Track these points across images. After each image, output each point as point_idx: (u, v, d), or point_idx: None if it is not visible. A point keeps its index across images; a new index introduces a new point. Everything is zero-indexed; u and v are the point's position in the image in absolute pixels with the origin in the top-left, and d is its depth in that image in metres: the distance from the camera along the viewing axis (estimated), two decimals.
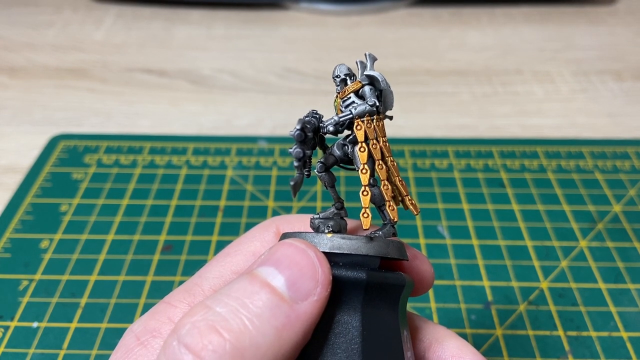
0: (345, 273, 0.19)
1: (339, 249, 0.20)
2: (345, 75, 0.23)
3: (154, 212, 0.46)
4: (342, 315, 0.20)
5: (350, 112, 0.22)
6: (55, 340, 0.36)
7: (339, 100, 0.23)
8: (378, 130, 0.22)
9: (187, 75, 0.65)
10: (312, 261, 0.19)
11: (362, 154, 0.22)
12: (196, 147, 0.53)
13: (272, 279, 0.18)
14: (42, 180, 0.49)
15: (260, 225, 0.25)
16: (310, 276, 0.18)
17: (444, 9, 0.78)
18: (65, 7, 0.78)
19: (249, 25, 0.75)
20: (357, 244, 0.20)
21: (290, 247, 0.19)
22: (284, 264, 0.19)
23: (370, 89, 0.22)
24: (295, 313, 0.18)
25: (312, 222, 0.22)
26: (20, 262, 0.42)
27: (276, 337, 0.17)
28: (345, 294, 0.20)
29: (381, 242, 0.21)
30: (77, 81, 0.63)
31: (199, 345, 0.17)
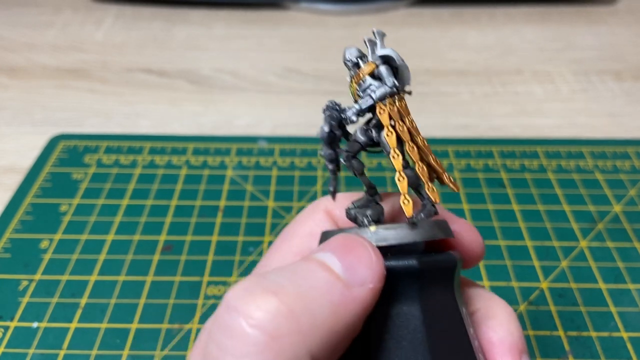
0: (397, 264, 0.19)
1: (385, 240, 0.19)
2: (357, 58, 0.22)
3: (154, 212, 0.46)
4: (400, 306, 0.19)
5: (371, 97, 0.21)
6: (55, 340, 0.36)
7: (354, 85, 0.22)
8: (402, 110, 0.21)
9: (187, 75, 0.65)
10: (367, 250, 0.19)
11: (390, 138, 0.20)
12: (196, 147, 0.53)
13: (328, 261, 0.18)
14: (42, 180, 0.49)
15: (309, 207, 0.24)
16: (366, 264, 0.18)
17: (444, 9, 0.78)
18: (65, 8, 0.78)
19: (249, 25, 0.75)
20: (403, 233, 0.20)
21: (347, 238, 0.19)
22: (341, 251, 0.19)
23: (386, 68, 0.21)
24: (351, 294, 0.18)
25: (349, 213, 0.22)
26: (20, 262, 0.42)
27: (331, 312, 0.17)
28: (400, 285, 0.19)
29: (426, 225, 0.20)
30: (77, 81, 0.63)
31: (251, 307, 0.16)
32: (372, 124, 0.22)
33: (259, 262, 0.24)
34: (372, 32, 0.22)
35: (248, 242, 0.43)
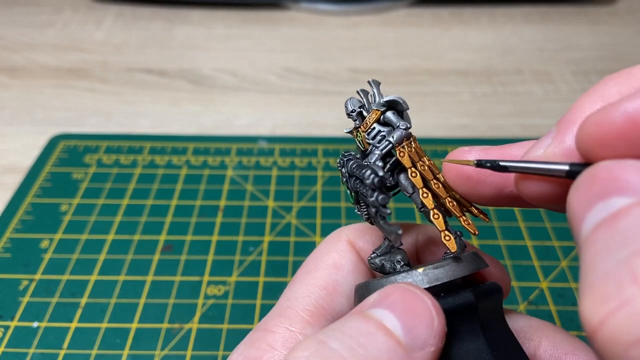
0: (454, 302, 0.19)
1: (437, 280, 0.19)
2: (360, 107, 0.22)
3: (154, 212, 0.46)
4: (465, 345, 0.19)
5: (389, 142, 0.21)
6: (56, 340, 0.36)
7: (362, 134, 0.22)
8: (418, 150, 0.22)
9: (187, 75, 0.65)
10: (427, 307, 0.17)
11: (415, 179, 0.21)
12: (196, 147, 0.53)
13: (387, 321, 0.17)
14: (42, 180, 0.49)
15: (330, 236, 0.24)
16: (427, 324, 0.17)
17: (444, 9, 0.78)
18: (65, 7, 0.78)
19: (249, 25, 0.75)
20: (452, 269, 0.19)
21: (404, 291, 0.18)
22: (399, 308, 0.17)
23: (394, 113, 0.22)
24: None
25: (373, 263, 0.22)
26: (20, 262, 0.42)
27: None
28: (461, 322, 0.19)
29: (471, 255, 0.20)
30: (77, 81, 0.63)
31: None
32: (388, 168, 0.22)
33: (282, 294, 0.23)
34: (368, 82, 0.23)
35: (248, 242, 0.43)
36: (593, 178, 0.14)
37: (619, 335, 0.12)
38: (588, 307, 0.12)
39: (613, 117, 0.14)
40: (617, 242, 0.12)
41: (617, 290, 0.12)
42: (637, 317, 0.11)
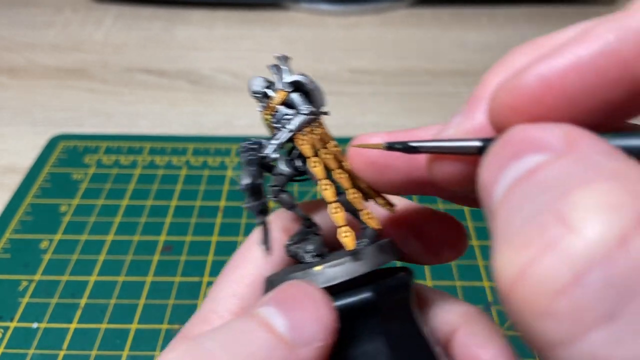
0: (353, 300, 0.18)
1: (334, 279, 0.18)
2: (265, 88, 0.20)
3: (154, 212, 0.46)
4: (364, 345, 0.18)
5: (289, 130, 0.20)
6: (55, 340, 0.36)
7: (268, 117, 0.20)
8: (323, 136, 0.20)
9: (187, 76, 0.65)
10: (317, 303, 0.17)
11: (316, 169, 0.19)
12: (196, 148, 0.53)
13: (272, 318, 0.16)
14: (42, 180, 0.49)
15: None
16: (315, 320, 0.16)
17: (444, 9, 0.78)
18: (65, 8, 0.78)
19: (249, 26, 0.75)
20: (350, 267, 0.18)
21: (295, 288, 0.17)
22: (287, 305, 0.17)
23: (298, 94, 0.20)
24: (296, 356, 0.16)
25: (288, 250, 0.21)
26: (20, 262, 0.42)
27: None
28: (360, 322, 0.18)
29: (372, 250, 0.19)
30: (77, 81, 0.63)
31: None
32: (296, 154, 0.20)
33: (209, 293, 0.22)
34: (274, 57, 0.20)
35: None
36: (505, 142, 0.13)
37: (543, 284, 0.10)
38: (503, 260, 0.11)
39: (526, 81, 0.13)
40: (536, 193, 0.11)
41: (540, 233, 0.11)
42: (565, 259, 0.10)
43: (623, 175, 0.11)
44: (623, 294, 0.10)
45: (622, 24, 0.13)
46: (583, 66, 0.13)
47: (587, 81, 0.13)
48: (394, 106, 0.59)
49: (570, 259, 0.10)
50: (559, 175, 0.11)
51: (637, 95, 0.13)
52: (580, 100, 0.13)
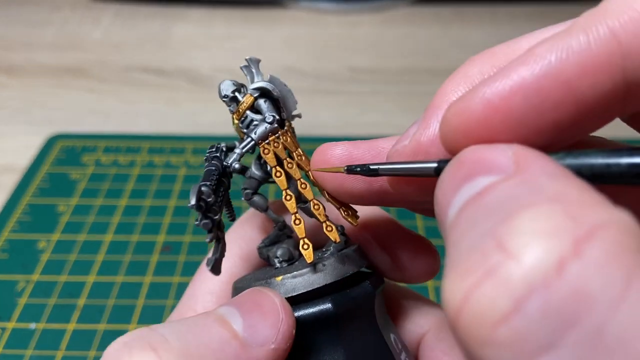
0: (311, 311, 0.18)
1: (294, 291, 0.18)
2: (233, 92, 0.20)
3: (153, 212, 0.46)
4: (322, 357, 0.18)
5: (251, 139, 0.19)
6: (53, 341, 0.36)
7: (236, 121, 0.20)
8: (288, 145, 0.20)
9: (185, 75, 0.64)
10: (275, 308, 0.17)
11: (279, 179, 0.19)
12: (195, 147, 0.52)
13: (229, 317, 0.17)
14: (40, 180, 0.49)
15: (239, 221, 0.23)
16: (271, 323, 0.17)
17: (445, 8, 0.78)
18: (63, 6, 0.78)
19: (249, 24, 0.75)
20: (311, 278, 0.18)
21: (257, 292, 0.18)
22: (246, 307, 0.17)
23: (265, 101, 0.20)
24: (247, 355, 0.16)
25: (261, 253, 0.21)
26: (17, 262, 0.41)
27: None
28: (319, 333, 0.18)
29: (334, 262, 0.19)
30: (75, 80, 0.63)
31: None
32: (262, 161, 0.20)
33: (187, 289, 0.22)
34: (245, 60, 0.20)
35: None
36: (457, 163, 0.13)
37: (484, 312, 0.10)
38: (449, 285, 0.11)
39: (472, 105, 0.13)
40: (481, 216, 0.12)
41: (482, 259, 0.11)
42: (504, 286, 0.10)
43: (565, 197, 0.11)
44: (562, 322, 0.09)
45: (563, 43, 0.13)
46: (526, 88, 0.13)
47: (531, 103, 0.13)
48: (394, 105, 0.59)
49: (509, 286, 0.10)
50: (504, 198, 0.11)
51: (584, 115, 0.13)
52: (528, 121, 0.13)
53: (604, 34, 0.12)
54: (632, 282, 0.09)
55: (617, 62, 0.12)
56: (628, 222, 0.10)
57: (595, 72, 0.12)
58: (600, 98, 0.12)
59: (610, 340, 0.09)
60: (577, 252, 0.10)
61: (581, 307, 0.09)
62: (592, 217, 0.10)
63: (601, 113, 0.13)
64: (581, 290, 0.09)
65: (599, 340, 0.09)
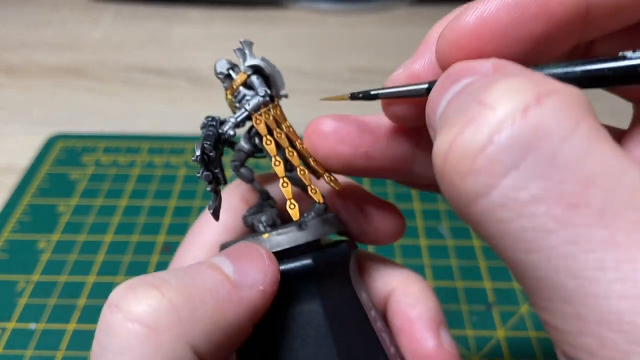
0: (294, 265, 0.20)
1: (278, 246, 0.20)
2: (228, 70, 0.22)
3: (153, 212, 0.46)
4: (302, 305, 0.20)
5: (245, 110, 0.22)
6: (53, 342, 0.36)
7: (230, 96, 0.22)
8: (278, 117, 0.22)
9: (186, 75, 0.64)
10: (261, 256, 0.19)
11: (269, 147, 0.21)
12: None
13: (221, 263, 0.19)
14: (40, 180, 0.49)
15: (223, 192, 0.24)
16: (259, 268, 0.19)
17: (445, 8, 0.77)
18: (62, 6, 0.78)
19: (249, 24, 0.75)
20: (294, 236, 0.20)
21: (245, 245, 0.20)
22: (235, 255, 0.19)
23: (257, 77, 0.22)
24: (239, 294, 0.18)
25: (245, 221, 0.23)
26: (17, 263, 0.41)
27: (215, 308, 0.17)
28: (299, 285, 0.20)
29: (315, 223, 0.21)
30: (74, 80, 0.63)
31: (131, 302, 0.17)
32: (254, 132, 0.22)
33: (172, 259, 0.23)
34: (240, 42, 0.23)
35: None
36: (447, 74, 0.16)
37: (466, 149, 0.13)
38: (438, 141, 0.14)
39: (467, 19, 0.16)
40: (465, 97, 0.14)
41: (465, 114, 0.13)
42: (482, 127, 0.13)
43: (530, 75, 0.14)
44: (524, 148, 0.12)
45: None
46: (509, 5, 0.16)
47: (513, 16, 0.16)
48: None
49: (486, 126, 0.13)
50: (484, 82, 0.14)
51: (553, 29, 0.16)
52: (510, 31, 0.16)
53: None
54: (580, 123, 0.13)
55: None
56: (575, 90, 0.13)
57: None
58: (566, 15, 0.15)
59: (561, 162, 0.12)
60: (539, 101, 0.13)
61: (539, 137, 0.12)
62: (550, 84, 0.13)
63: (566, 30, 0.16)
64: (540, 126, 0.12)
65: (552, 162, 0.12)
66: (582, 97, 0.13)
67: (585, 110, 0.13)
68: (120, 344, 0.16)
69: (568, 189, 0.12)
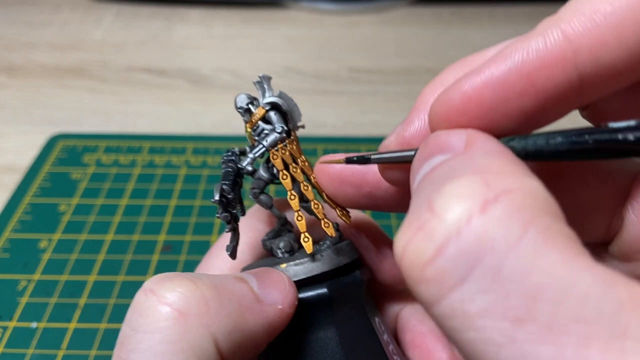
0: (310, 294, 0.21)
1: (295, 276, 0.21)
2: (247, 104, 0.23)
3: (153, 212, 0.46)
4: (318, 332, 0.21)
5: (262, 146, 0.23)
6: (54, 340, 0.36)
7: (249, 129, 0.23)
8: (294, 152, 0.23)
9: (186, 75, 0.64)
10: (282, 279, 0.21)
11: (285, 181, 0.22)
12: (196, 147, 0.53)
13: (247, 278, 0.20)
14: (41, 180, 0.49)
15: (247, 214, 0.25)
16: (280, 289, 0.20)
17: (445, 8, 0.78)
18: (64, 6, 0.78)
19: (249, 25, 0.75)
20: (310, 267, 0.21)
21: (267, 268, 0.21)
22: (260, 274, 0.21)
23: (275, 113, 0.23)
24: (260, 307, 0.19)
25: (264, 245, 0.24)
26: (19, 262, 0.41)
27: (239, 311, 0.18)
28: (315, 312, 0.21)
29: (330, 253, 0.22)
30: (76, 80, 0.63)
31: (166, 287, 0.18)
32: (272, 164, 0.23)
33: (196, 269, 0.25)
34: (258, 76, 0.24)
35: None
36: (423, 146, 0.17)
37: (416, 257, 0.13)
38: (396, 239, 0.14)
39: (452, 96, 0.16)
40: (426, 187, 0.15)
41: (416, 219, 0.14)
42: (429, 238, 0.13)
43: (487, 169, 0.14)
44: (470, 261, 0.12)
45: (525, 45, 0.15)
46: (494, 82, 0.16)
47: (498, 93, 0.16)
48: (394, 105, 0.59)
49: (433, 237, 0.13)
50: (445, 171, 0.14)
51: (544, 103, 0.16)
52: (497, 108, 0.16)
53: (557, 35, 0.15)
54: (528, 229, 0.12)
55: (569, 57, 0.15)
56: (533, 187, 0.13)
57: (550, 66, 0.15)
58: (556, 88, 0.15)
59: (506, 275, 0.12)
60: (484, 209, 0.13)
61: (484, 249, 0.12)
62: (503, 183, 0.13)
63: (559, 101, 0.16)
64: (484, 237, 0.12)
65: (497, 275, 0.12)
66: (538, 194, 0.13)
67: (538, 210, 0.13)
68: (150, 324, 0.17)
69: (513, 303, 0.12)
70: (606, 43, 0.14)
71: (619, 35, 0.14)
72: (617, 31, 0.14)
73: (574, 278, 0.12)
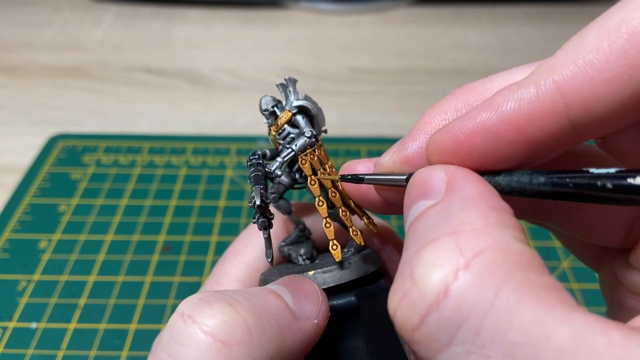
0: (338, 303, 0.21)
1: (324, 284, 0.21)
2: (273, 107, 0.23)
3: (153, 212, 0.46)
4: (346, 342, 0.21)
5: (292, 149, 0.22)
6: (54, 340, 0.36)
7: (274, 133, 0.23)
8: (322, 157, 0.23)
9: (186, 75, 0.64)
10: (316, 291, 0.20)
11: (313, 187, 0.22)
12: (195, 147, 0.52)
13: (281, 292, 0.20)
14: (41, 180, 0.49)
15: None
16: (313, 302, 0.20)
17: (445, 8, 0.78)
18: (63, 7, 0.78)
19: (249, 25, 0.75)
20: (339, 275, 0.21)
21: (298, 278, 0.21)
22: (292, 286, 0.20)
23: (303, 117, 0.23)
24: (297, 324, 0.19)
25: (282, 251, 0.23)
26: (18, 262, 0.41)
27: (279, 333, 0.18)
28: (343, 321, 0.21)
29: (357, 260, 0.22)
30: (75, 81, 0.63)
31: (207, 314, 0.17)
32: (296, 168, 0.23)
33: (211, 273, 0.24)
34: (284, 79, 0.23)
35: None
36: (411, 185, 0.17)
37: (405, 322, 0.14)
38: (389, 297, 0.15)
39: (444, 138, 0.17)
40: (412, 241, 0.15)
41: (402, 284, 0.15)
42: (413, 307, 0.14)
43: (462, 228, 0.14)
44: (451, 328, 0.13)
45: (517, 95, 0.16)
46: (486, 130, 0.16)
47: (489, 141, 0.16)
48: (394, 105, 0.59)
49: (416, 307, 0.14)
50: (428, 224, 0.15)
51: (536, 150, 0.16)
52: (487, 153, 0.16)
53: (549, 86, 0.15)
54: (502, 289, 0.13)
55: (560, 110, 0.15)
56: (502, 242, 0.14)
57: (542, 119, 0.15)
58: (548, 137, 0.15)
59: (484, 336, 0.13)
60: (457, 278, 0.13)
61: (462, 315, 0.13)
62: (475, 244, 0.14)
63: (552, 147, 0.16)
64: (461, 304, 0.13)
65: (477, 338, 0.13)
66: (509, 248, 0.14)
67: (510, 267, 0.13)
68: (192, 354, 0.17)
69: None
70: (599, 97, 0.15)
71: (612, 91, 0.14)
72: (611, 87, 0.14)
73: (549, 332, 0.12)
